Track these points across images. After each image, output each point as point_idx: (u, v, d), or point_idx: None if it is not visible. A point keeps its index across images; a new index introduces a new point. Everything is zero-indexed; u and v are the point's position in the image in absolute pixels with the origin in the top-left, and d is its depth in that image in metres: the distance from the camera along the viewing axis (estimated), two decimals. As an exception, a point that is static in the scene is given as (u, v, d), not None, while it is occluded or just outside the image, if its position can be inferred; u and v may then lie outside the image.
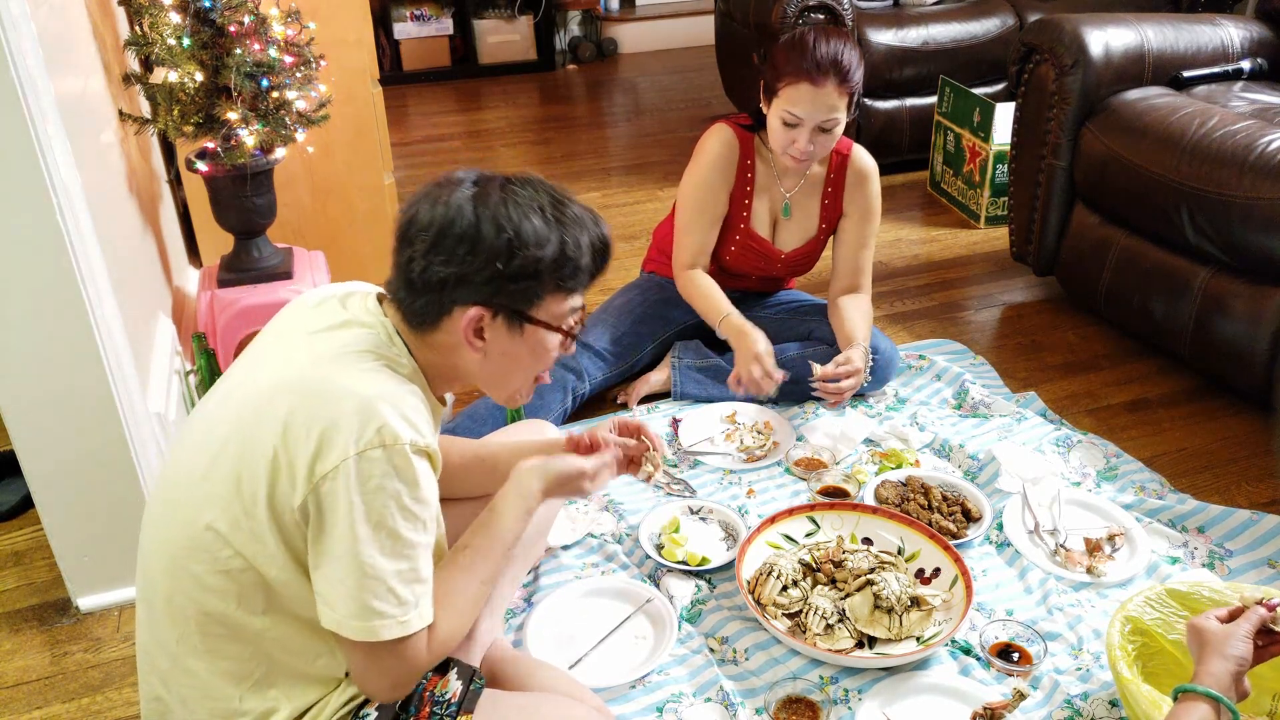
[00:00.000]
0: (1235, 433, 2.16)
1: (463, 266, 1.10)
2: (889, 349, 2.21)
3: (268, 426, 1.05)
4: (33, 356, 1.55)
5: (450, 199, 1.11)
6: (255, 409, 1.08)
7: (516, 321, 1.15)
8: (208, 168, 2.11)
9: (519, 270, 1.11)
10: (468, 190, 1.12)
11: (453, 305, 1.12)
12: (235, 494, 1.07)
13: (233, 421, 1.09)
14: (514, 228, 1.10)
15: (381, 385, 1.08)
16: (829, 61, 1.91)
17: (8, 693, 1.61)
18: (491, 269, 1.10)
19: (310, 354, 1.11)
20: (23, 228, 1.47)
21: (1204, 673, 1.17)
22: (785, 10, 3.16)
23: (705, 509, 1.89)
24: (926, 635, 1.57)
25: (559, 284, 1.15)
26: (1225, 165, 2.10)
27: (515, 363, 1.19)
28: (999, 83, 3.46)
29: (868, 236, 2.19)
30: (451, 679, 1.25)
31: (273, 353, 1.16)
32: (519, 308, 1.14)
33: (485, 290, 1.11)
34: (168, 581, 1.12)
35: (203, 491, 1.09)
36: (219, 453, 1.09)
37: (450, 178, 1.15)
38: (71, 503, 1.68)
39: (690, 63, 5.20)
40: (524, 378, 1.23)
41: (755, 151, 2.13)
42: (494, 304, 1.13)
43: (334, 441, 1.03)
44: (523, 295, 1.13)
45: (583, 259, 1.16)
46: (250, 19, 2.02)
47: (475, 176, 1.15)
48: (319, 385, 1.06)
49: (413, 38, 4.92)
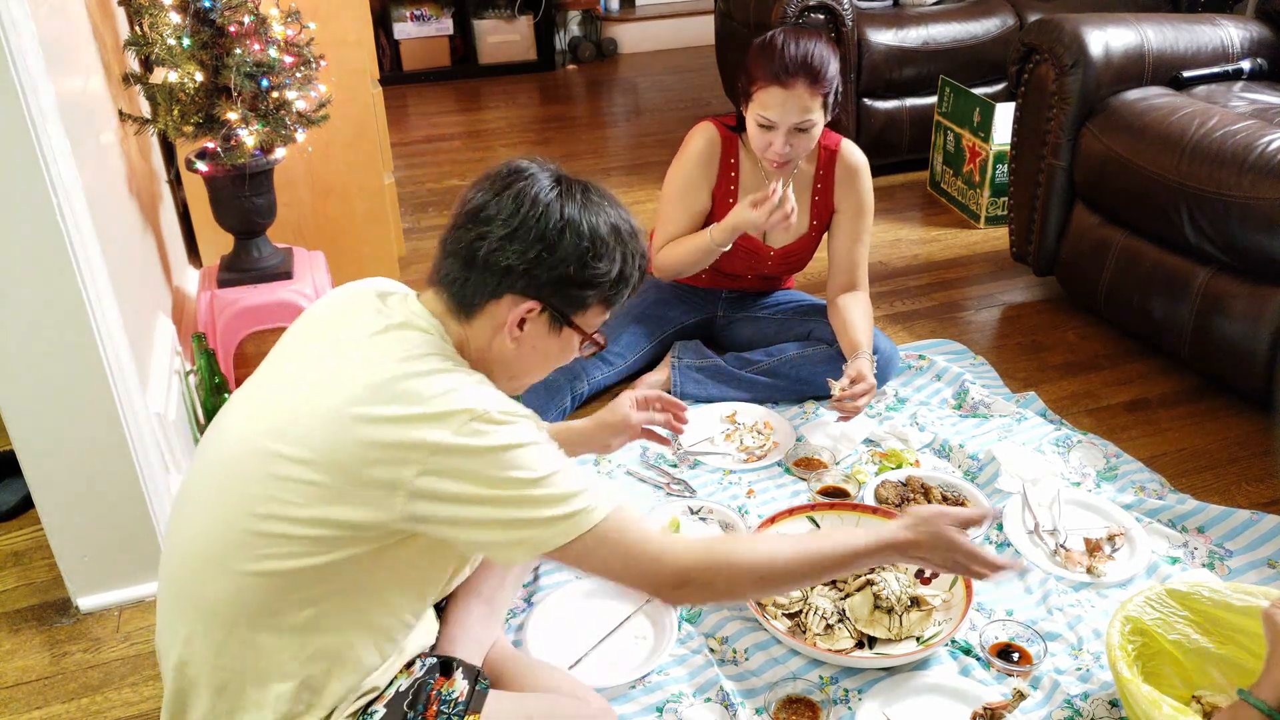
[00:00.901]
0: (1235, 433, 2.16)
1: (534, 262, 1.12)
2: (889, 349, 2.21)
3: (348, 426, 1.06)
4: (33, 356, 1.55)
5: (535, 194, 1.13)
6: (342, 413, 1.07)
7: (558, 322, 1.18)
8: (208, 168, 2.11)
9: (585, 280, 1.15)
10: (550, 187, 1.14)
11: (507, 292, 1.14)
12: (337, 484, 1.06)
13: (318, 424, 1.08)
14: (591, 239, 1.14)
15: (459, 378, 1.10)
16: (797, 63, 1.91)
17: (7, 693, 1.61)
18: (561, 272, 1.13)
19: (378, 357, 1.11)
20: (23, 228, 1.47)
21: (1268, 682, 1.11)
22: (785, 10, 3.16)
23: (705, 509, 1.89)
24: (926, 635, 1.57)
25: (606, 297, 1.19)
26: (1225, 165, 2.10)
27: (543, 359, 1.22)
28: (999, 83, 3.46)
29: (862, 232, 2.19)
30: (458, 679, 1.26)
31: (330, 354, 1.15)
32: (567, 310, 1.17)
33: (546, 289, 1.14)
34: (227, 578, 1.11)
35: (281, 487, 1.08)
36: (304, 452, 1.08)
37: (524, 170, 1.16)
38: (71, 503, 1.68)
39: (690, 63, 5.20)
40: (540, 373, 1.26)
41: (739, 150, 2.14)
42: (547, 302, 1.16)
43: (425, 438, 1.05)
44: (575, 301, 1.17)
45: (634, 276, 1.21)
46: (250, 19, 2.02)
47: (553, 175, 1.17)
48: (399, 383, 1.07)
49: (413, 38, 4.92)
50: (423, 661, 1.28)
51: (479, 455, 1.06)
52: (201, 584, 1.12)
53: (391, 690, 1.22)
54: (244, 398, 1.20)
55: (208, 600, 1.11)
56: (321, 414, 1.08)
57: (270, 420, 1.11)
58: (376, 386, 1.07)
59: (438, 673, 1.27)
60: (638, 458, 2.06)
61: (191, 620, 1.13)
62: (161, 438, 1.81)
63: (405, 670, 1.26)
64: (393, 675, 1.24)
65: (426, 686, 1.24)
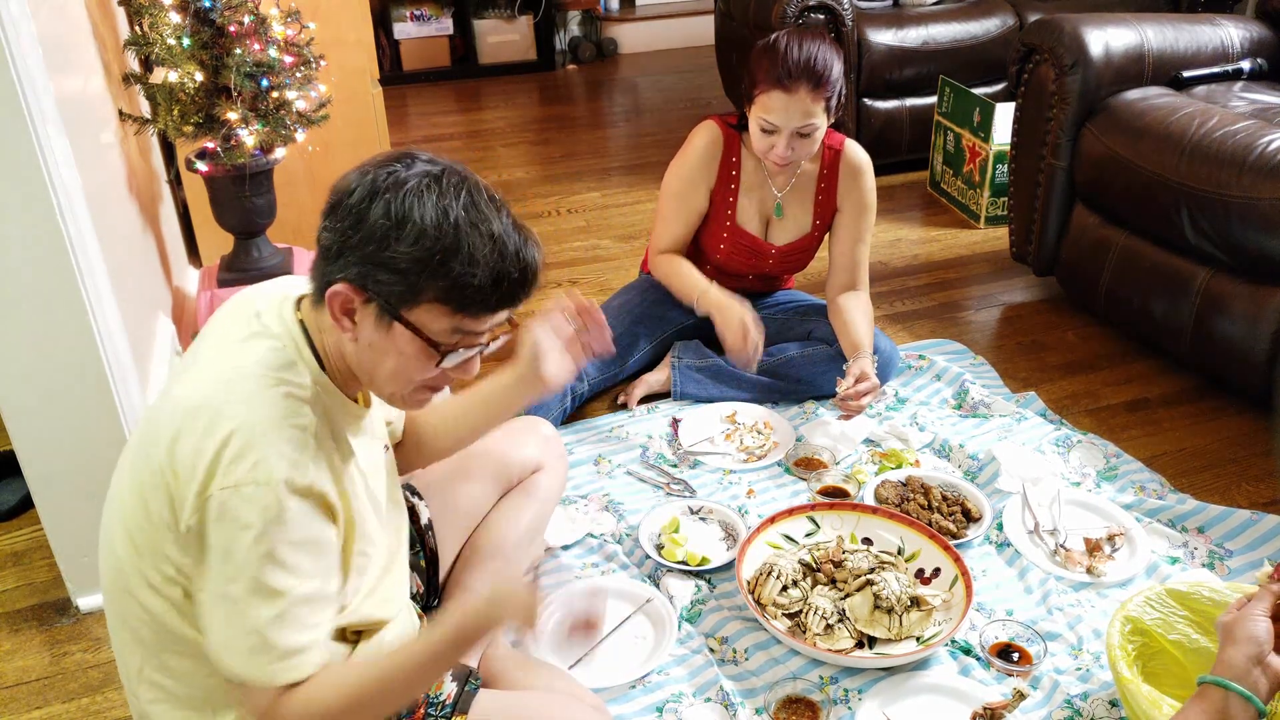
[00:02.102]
0: (1235, 433, 2.16)
1: (343, 238, 1.03)
2: (889, 349, 2.21)
3: (162, 452, 1.02)
4: (33, 356, 1.55)
5: (366, 174, 1.04)
6: (156, 433, 1.04)
7: (385, 315, 1.05)
8: (208, 168, 2.11)
9: (388, 261, 1.01)
10: (392, 169, 1.04)
11: (331, 276, 1.04)
12: (147, 520, 1.05)
13: (143, 443, 1.07)
14: (398, 217, 1.01)
15: (267, 415, 1.02)
16: (800, 68, 1.91)
17: (8, 693, 1.61)
18: (364, 250, 1.02)
19: (210, 376, 1.06)
20: (23, 228, 1.47)
21: (1220, 661, 1.13)
22: (785, 10, 3.16)
23: (705, 509, 1.89)
24: (926, 635, 1.57)
25: (441, 296, 1.03)
26: (1225, 165, 2.10)
27: (382, 358, 1.08)
28: (999, 83, 3.46)
29: (863, 231, 2.19)
30: (446, 680, 1.24)
31: (186, 368, 1.13)
32: (390, 301, 1.04)
33: (357, 270, 1.03)
34: (120, 603, 1.11)
35: (126, 515, 1.08)
36: (133, 474, 1.07)
37: (407, 151, 1.08)
38: (71, 503, 1.68)
39: (690, 63, 5.19)
40: (398, 380, 1.10)
41: (741, 149, 2.14)
42: (366, 288, 1.04)
43: (212, 473, 0.99)
44: (394, 290, 1.03)
45: (476, 278, 1.02)
46: (250, 19, 2.02)
47: (424, 157, 1.07)
48: (207, 414, 1.02)
49: (413, 38, 4.91)
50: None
51: (232, 526, 0.99)
52: (112, 603, 1.13)
53: None
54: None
55: (119, 620, 1.12)
56: (154, 427, 1.06)
57: (137, 435, 1.12)
58: (188, 411, 1.03)
59: None
60: (638, 458, 2.06)
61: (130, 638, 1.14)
62: (161, 438, 1.81)
63: None
64: None
65: None
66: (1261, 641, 1.12)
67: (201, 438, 1.00)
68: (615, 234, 3.20)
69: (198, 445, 1.00)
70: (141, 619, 1.10)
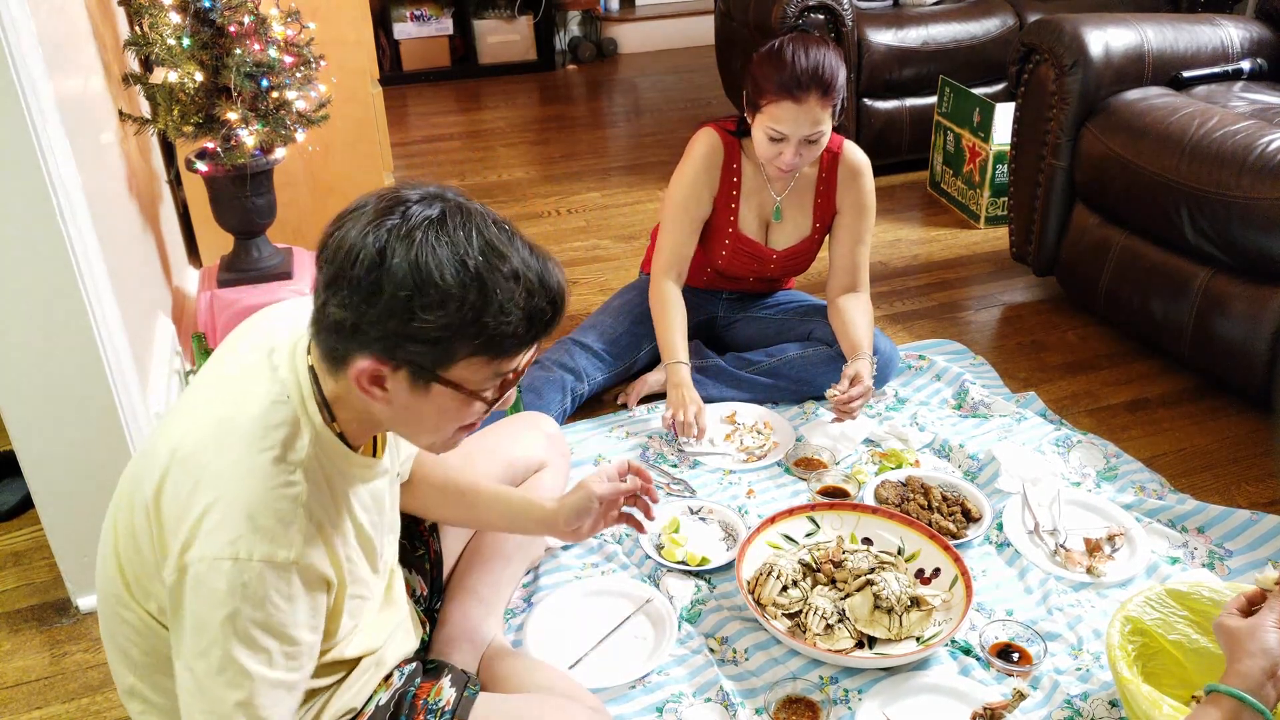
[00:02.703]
0: (1235, 433, 2.16)
1: (359, 314, 0.94)
2: (889, 349, 2.21)
3: (149, 493, 1.00)
4: (33, 356, 1.55)
5: (367, 228, 0.94)
6: (146, 469, 1.02)
7: (422, 380, 0.98)
8: (208, 168, 2.11)
9: (417, 332, 0.94)
10: (392, 220, 0.94)
11: (349, 350, 0.97)
12: (136, 550, 1.04)
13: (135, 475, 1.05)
14: (417, 284, 0.92)
15: (256, 485, 0.97)
16: (810, 76, 1.91)
17: (7, 693, 1.61)
18: (385, 326, 0.94)
19: (205, 420, 1.02)
20: (23, 228, 1.47)
21: (1233, 673, 1.13)
22: (785, 10, 3.16)
23: (705, 509, 1.89)
24: (926, 635, 1.57)
25: (477, 350, 0.97)
26: (1225, 165, 2.10)
27: (422, 420, 1.03)
28: (999, 83, 3.46)
29: (863, 233, 2.19)
30: (445, 686, 1.23)
31: (186, 395, 1.11)
32: (425, 366, 0.97)
33: (381, 345, 0.95)
34: (112, 624, 1.11)
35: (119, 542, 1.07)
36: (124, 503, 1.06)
37: (394, 197, 0.97)
38: (71, 503, 1.68)
39: (690, 63, 5.19)
40: (440, 435, 1.07)
41: (741, 155, 2.14)
42: (394, 358, 0.96)
43: (193, 538, 0.95)
44: (428, 356, 0.96)
45: (509, 326, 0.96)
46: (250, 19, 2.02)
47: (417, 199, 0.97)
48: (196, 469, 0.98)
49: (413, 38, 4.91)
50: (400, 671, 1.25)
51: (207, 599, 0.95)
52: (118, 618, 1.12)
53: (371, 706, 1.20)
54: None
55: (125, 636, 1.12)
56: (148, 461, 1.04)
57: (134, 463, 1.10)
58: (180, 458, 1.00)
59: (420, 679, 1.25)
60: (638, 458, 2.06)
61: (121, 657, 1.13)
62: (161, 438, 1.81)
63: (384, 683, 1.23)
64: (371, 691, 1.21)
65: (408, 696, 1.21)
66: (1275, 655, 1.12)
67: (187, 496, 0.97)
68: (615, 234, 3.20)
69: (183, 503, 0.97)
70: (132, 640, 1.09)
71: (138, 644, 1.09)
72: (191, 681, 0.97)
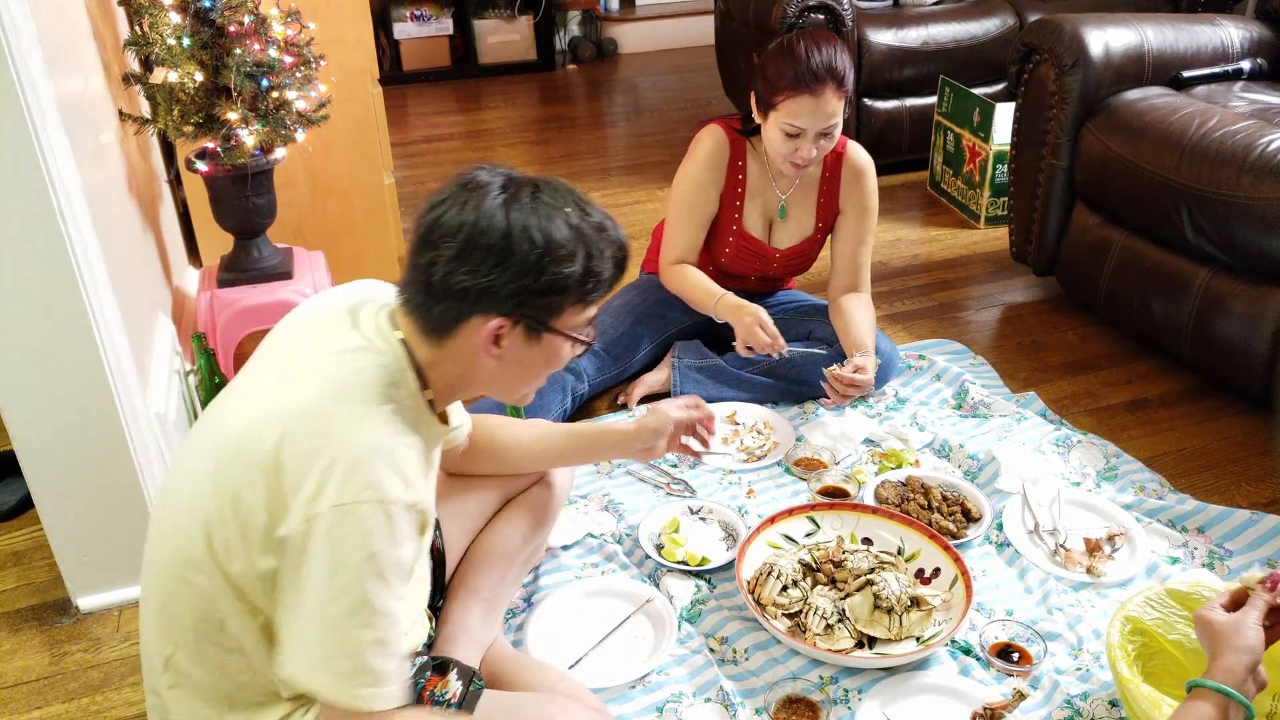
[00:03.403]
0: (1235, 433, 2.16)
1: (489, 279, 1.07)
2: (889, 349, 2.21)
3: (267, 452, 1.03)
4: (33, 356, 1.55)
5: (481, 205, 1.08)
6: (257, 431, 1.05)
7: (535, 331, 1.14)
8: (208, 168, 2.11)
9: (546, 286, 1.09)
10: (497, 196, 1.09)
11: (473, 314, 1.10)
12: (233, 513, 1.05)
13: (238, 439, 1.07)
14: (544, 241, 1.08)
15: (381, 434, 1.05)
16: (824, 70, 1.91)
17: (7, 693, 1.61)
18: (519, 283, 1.08)
19: (318, 382, 1.08)
20: (23, 228, 1.47)
21: (1217, 668, 1.15)
22: (785, 10, 3.16)
23: (705, 509, 1.89)
24: (926, 635, 1.57)
25: (581, 297, 1.14)
26: (1225, 165, 2.10)
27: (529, 370, 1.19)
28: (999, 83, 3.46)
29: (865, 233, 2.19)
30: (452, 679, 1.25)
31: (282, 367, 1.14)
32: (541, 318, 1.13)
33: (509, 303, 1.10)
34: (170, 589, 1.11)
35: (204, 505, 1.08)
36: (220, 468, 1.07)
37: (475, 180, 1.11)
38: (71, 503, 1.68)
39: (690, 63, 5.20)
40: (536, 382, 1.23)
41: (747, 154, 2.14)
42: (516, 315, 1.11)
43: (324, 487, 1.01)
44: (546, 308, 1.12)
45: (605, 272, 1.15)
46: (250, 19, 2.02)
47: (503, 180, 1.12)
48: (320, 424, 1.04)
49: (413, 38, 4.92)
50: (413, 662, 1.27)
51: (343, 543, 1.00)
52: (154, 595, 1.13)
53: None
54: (215, 405, 1.20)
55: (156, 613, 1.13)
56: (230, 439, 1.07)
57: (210, 442, 1.11)
58: (298, 416, 1.04)
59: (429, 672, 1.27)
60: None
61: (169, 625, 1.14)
62: (161, 438, 1.81)
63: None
64: None
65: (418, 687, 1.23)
66: (1256, 652, 1.16)
67: (314, 448, 1.02)
68: (615, 234, 3.19)
69: (308, 455, 1.02)
70: (190, 605, 1.10)
71: (197, 608, 1.09)
72: (318, 630, 1.02)
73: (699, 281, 2.16)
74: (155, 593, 1.14)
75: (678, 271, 2.18)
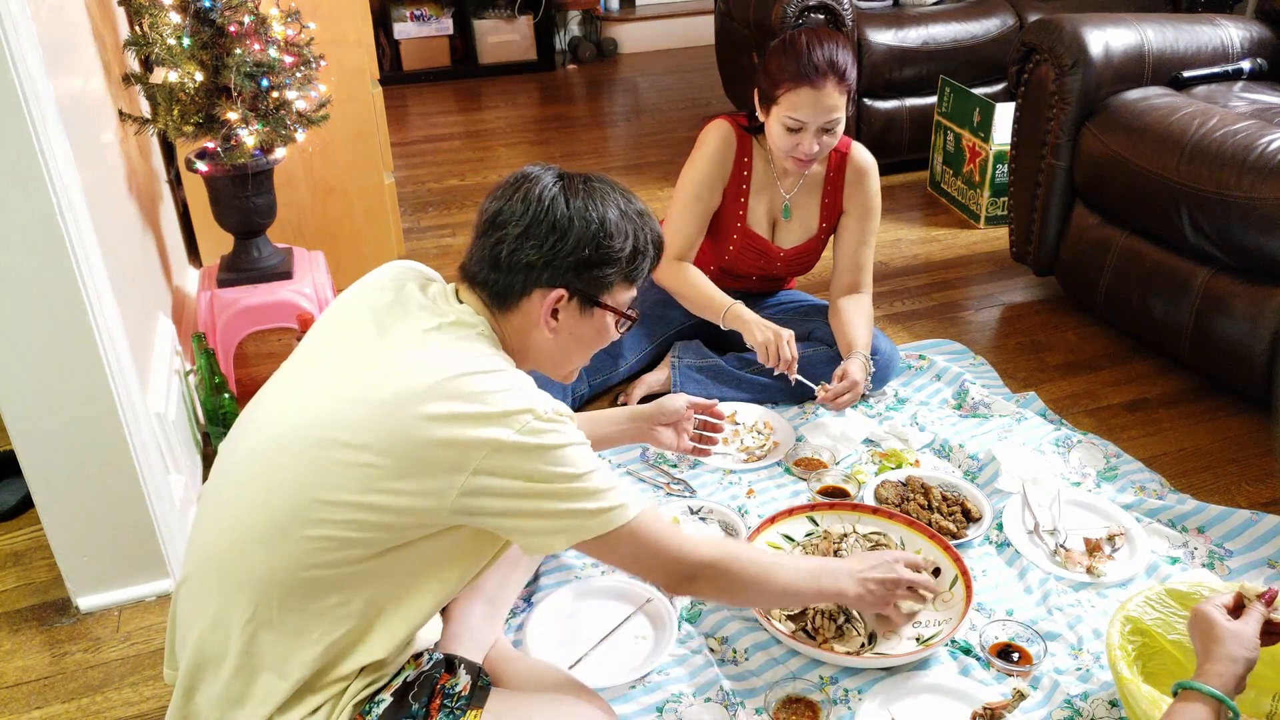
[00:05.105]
0: (1235, 433, 2.16)
1: (552, 252, 1.20)
2: (889, 349, 2.21)
3: (411, 426, 1.09)
4: (33, 356, 1.55)
5: (540, 192, 1.21)
6: (403, 407, 1.10)
7: (588, 305, 1.26)
8: (208, 168, 2.11)
9: (601, 258, 1.23)
10: (554, 185, 1.23)
11: (534, 287, 1.22)
12: (395, 469, 1.10)
13: (377, 413, 1.11)
14: (599, 219, 1.22)
15: (514, 377, 1.16)
16: (826, 63, 1.91)
17: (7, 693, 1.61)
18: (577, 256, 1.21)
19: (445, 352, 1.16)
20: (23, 228, 1.47)
21: (1212, 672, 1.16)
22: (785, 10, 3.16)
23: (705, 509, 1.89)
24: (926, 635, 1.57)
25: (627, 274, 1.27)
26: (1225, 165, 2.10)
27: (580, 343, 1.30)
28: (999, 83, 3.46)
29: (868, 234, 2.19)
30: (460, 674, 1.27)
31: (387, 348, 1.17)
32: (593, 292, 1.25)
33: (568, 275, 1.22)
34: (274, 550, 1.12)
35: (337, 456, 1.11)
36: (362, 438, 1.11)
37: (530, 174, 1.24)
38: (71, 503, 1.68)
39: (690, 63, 5.20)
40: (583, 357, 1.34)
41: (753, 151, 2.13)
42: (572, 288, 1.23)
43: (496, 429, 1.10)
44: (598, 282, 1.25)
45: (650, 253, 1.29)
46: (250, 19, 2.02)
47: (556, 173, 1.25)
48: (469, 382, 1.12)
49: (413, 38, 4.92)
50: (430, 655, 1.29)
51: (534, 453, 1.12)
52: (242, 560, 1.14)
53: (399, 680, 1.23)
54: (283, 386, 1.23)
55: (243, 576, 1.13)
56: (378, 404, 1.11)
57: (319, 409, 1.14)
58: (438, 384, 1.11)
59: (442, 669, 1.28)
60: (637, 457, 2.06)
61: (221, 597, 1.15)
62: (161, 438, 1.81)
63: (413, 662, 1.27)
64: (400, 665, 1.25)
65: (433, 680, 1.24)
66: (1253, 663, 1.18)
67: (470, 402, 1.10)
68: (615, 234, 3.19)
69: (469, 406, 1.10)
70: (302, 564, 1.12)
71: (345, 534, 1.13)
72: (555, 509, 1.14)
73: (702, 286, 2.15)
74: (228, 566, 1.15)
75: (677, 271, 2.17)
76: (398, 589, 1.19)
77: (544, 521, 1.15)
